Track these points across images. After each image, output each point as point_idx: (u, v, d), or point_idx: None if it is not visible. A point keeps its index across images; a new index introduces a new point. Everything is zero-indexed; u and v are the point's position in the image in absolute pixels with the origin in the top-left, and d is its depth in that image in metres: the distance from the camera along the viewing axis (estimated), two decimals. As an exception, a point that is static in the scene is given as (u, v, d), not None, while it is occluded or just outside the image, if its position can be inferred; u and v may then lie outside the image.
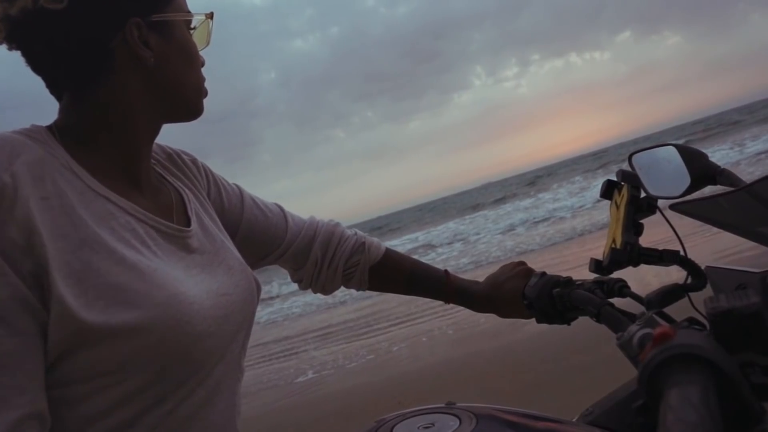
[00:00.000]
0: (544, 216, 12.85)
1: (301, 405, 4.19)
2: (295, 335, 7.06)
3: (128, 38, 0.68)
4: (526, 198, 20.81)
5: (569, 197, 15.34)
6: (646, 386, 0.43)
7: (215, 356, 0.69)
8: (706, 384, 0.41)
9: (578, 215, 11.61)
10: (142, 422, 0.63)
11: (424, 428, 0.68)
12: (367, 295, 8.53)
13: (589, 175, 21.42)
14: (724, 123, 28.70)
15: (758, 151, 13.73)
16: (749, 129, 22.39)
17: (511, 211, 17.53)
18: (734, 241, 4.67)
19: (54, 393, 0.60)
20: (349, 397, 3.97)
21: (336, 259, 1.01)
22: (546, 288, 0.88)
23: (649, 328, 0.63)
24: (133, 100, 0.71)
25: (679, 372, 0.42)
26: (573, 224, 10.50)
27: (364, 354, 5.13)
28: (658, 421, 0.40)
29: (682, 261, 0.71)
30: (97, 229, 0.63)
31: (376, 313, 7.07)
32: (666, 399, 0.40)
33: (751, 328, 0.47)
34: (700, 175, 0.81)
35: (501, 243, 11.33)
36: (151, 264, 0.65)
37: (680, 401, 0.38)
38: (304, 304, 9.65)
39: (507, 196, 23.73)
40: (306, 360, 5.57)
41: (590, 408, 0.81)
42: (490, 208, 21.50)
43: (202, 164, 0.90)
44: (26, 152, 0.62)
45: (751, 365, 0.46)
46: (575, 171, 28.20)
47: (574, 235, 9.06)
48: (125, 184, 0.71)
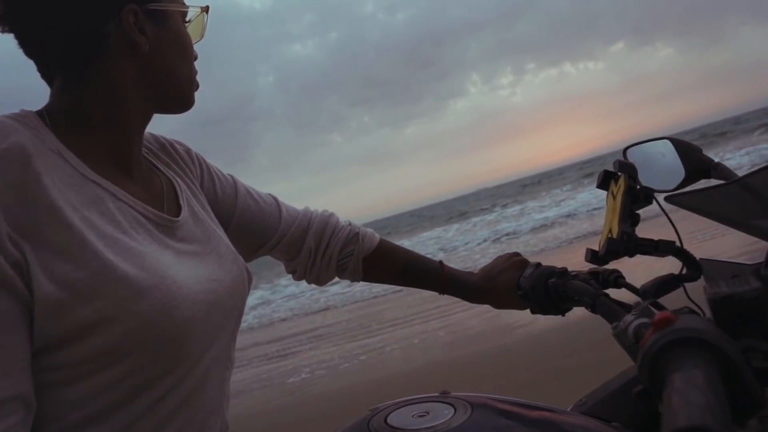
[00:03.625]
0: (532, 225, 12.91)
1: (292, 405, 4.17)
2: (286, 336, 7.03)
3: (124, 23, 0.68)
4: (516, 205, 20.98)
5: (555, 206, 15.42)
6: (648, 371, 0.43)
7: (204, 343, 0.68)
8: (709, 368, 0.40)
9: (561, 224, 11.68)
10: (130, 408, 0.62)
11: (419, 416, 0.67)
12: (359, 297, 8.53)
13: (579, 185, 21.59)
14: (708, 135, 29.11)
15: (736, 166, 13.90)
16: (734, 141, 22.74)
17: (498, 219, 17.68)
18: (721, 247, 4.74)
19: (40, 377, 0.59)
20: (341, 397, 3.96)
21: (330, 249, 1.01)
22: (541, 279, 0.87)
23: (645, 317, 0.63)
24: (126, 86, 0.70)
25: (682, 356, 0.42)
26: (555, 233, 10.58)
27: (357, 355, 5.12)
28: (662, 405, 0.39)
29: (677, 251, 0.71)
30: (87, 213, 0.62)
31: (368, 315, 7.07)
32: (670, 383, 0.39)
33: (752, 313, 0.47)
34: (695, 169, 0.81)
35: (485, 250, 11.35)
36: (140, 248, 0.65)
37: (685, 384, 0.38)
38: (296, 306, 9.61)
39: (496, 204, 23.83)
40: (298, 361, 5.55)
41: (583, 398, 0.81)
42: (478, 215, 21.60)
43: (196, 154, 0.90)
44: (14, 135, 0.61)
45: (753, 350, 0.45)
46: (564, 180, 28.43)
47: (559, 243, 9.12)
48: (116, 171, 0.71)
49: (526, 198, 23.27)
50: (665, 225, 0.80)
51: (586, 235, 8.91)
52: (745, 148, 15.69)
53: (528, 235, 11.64)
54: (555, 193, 20.52)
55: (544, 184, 30.52)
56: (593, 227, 9.50)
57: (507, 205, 21.89)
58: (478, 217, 20.58)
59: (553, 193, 20.59)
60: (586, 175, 26.01)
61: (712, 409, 0.33)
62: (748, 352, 0.45)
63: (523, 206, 19.22)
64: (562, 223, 11.55)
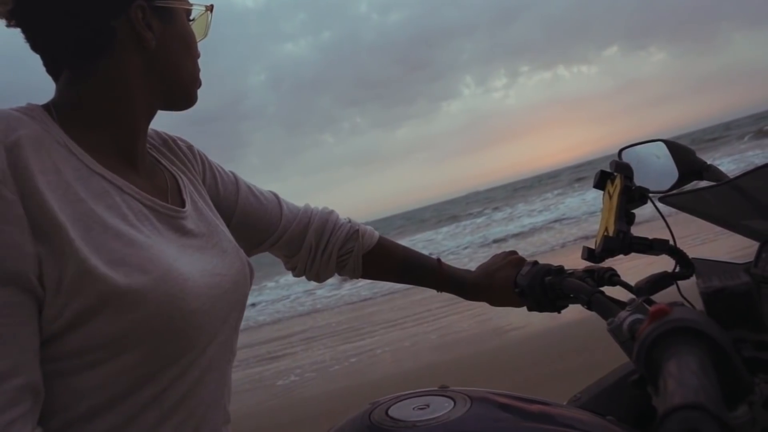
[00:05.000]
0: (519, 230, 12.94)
1: (282, 407, 4.16)
2: (276, 338, 7.00)
3: (132, 19, 0.69)
4: (507, 208, 21.03)
5: (545, 211, 15.47)
6: (645, 359, 0.45)
7: (208, 335, 0.69)
8: (702, 355, 0.42)
9: (549, 229, 11.72)
10: (135, 399, 0.63)
11: (419, 409, 0.68)
12: (348, 299, 8.51)
13: (568, 189, 21.69)
14: (699, 140, 29.37)
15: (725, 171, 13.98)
16: (724, 147, 22.94)
17: (488, 222, 17.70)
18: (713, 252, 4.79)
19: (48, 367, 0.59)
20: (330, 399, 3.95)
21: (330, 246, 1.02)
22: (538, 276, 0.89)
23: (639, 314, 0.64)
24: (132, 81, 0.71)
25: (677, 344, 0.44)
26: (544, 237, 10.63)
27: (347, 357, 5.11)
28: (658, 389, 0.41)
29: (671, 250, 0.73)
30: (93, 205, 0.63)
31: (359, 318, 7.06)
32: (666, 368, 0.41)
33: (742, 306, 0.49)
34: (688, 170, 0.84)
35: (471, 255, 11.36)
36: (147, 240, 0.66)
37: (680, 369, 0.40)
38: (285, 308, 9.57)
39: (487, 207, 23.87)
40: (288, 363, 5.53)
41: (578, 394, 0.83)
42: (468, 218, 21.63)
43: (197, 150, 0.91)
44: (24, 127, 0.62)
45: (742, 340, 0.48)
46: (556, 184, 28.52)
47: (548, 248, 9.15)
48: (121, 164, 0.72)
49: (517, 201, 23.37)
50: (661, 229, 0.82)
51: (575, 240, 8.97)
52: (732, 156, 15.86)
53: (514, 239, 11.69)
54: (546, 197, 20.62)
55: (536, 188, 30.64)
56: (582, 232, 9.58)
57: (498, 209, 21.96)
58: (468, 220, 20.64)
59: (544, 197, 20.69)
60: (578, 179, 26.14)
61: (706, 390, 0.35)
62: (738, 342, 0.47)
63: (513, 209, 19.33)
64: (550, 228, 11.61)
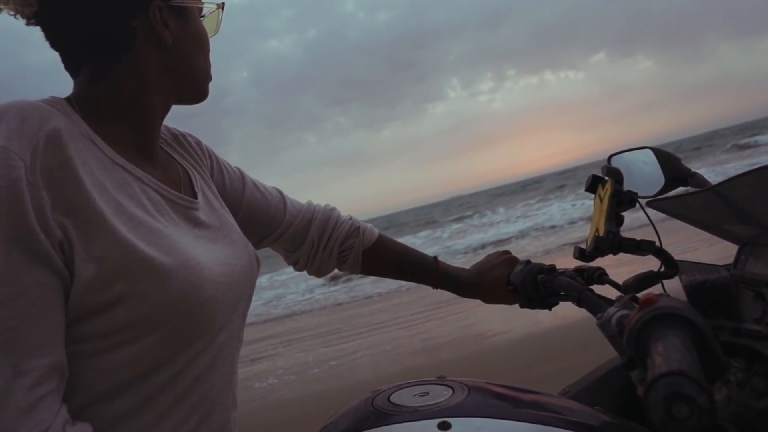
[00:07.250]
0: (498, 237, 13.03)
1: (259, 410, 4.12)
2: (255, 340, 6.95)
3: (151, 18, 0.72)
4: (488, 213, 21.20)
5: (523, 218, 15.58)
6: (635, 342, 0.50)
7: (219, 322, 0.72)
8: (685, 337, 0.47)
9: (525, 236, 11.83)
10: (152, 380, 0.66)
11: (420, 396, 0.72)
12: (332, 301, 8.51)
13: (551, 195, 21.93)
14: (683, 150, 29.88)
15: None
16: (707, 156, 23.40)
17: (467, 228, 17.80)
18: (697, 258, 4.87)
19: (72, 348, 0.62)
20: (310, 402, 3.95)
21: (332, 242, 1.06)
22: (530, 274, 0.94)
23: (626, 310, 0.69)
24: (149, 78, 0.74)
25: (663, 328, 0.49)
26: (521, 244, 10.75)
27: (327, 360, 5.11)
28: (647, 368, 0.46)
29: (657, 250, 0.79)
30: (116, 195, 0.66)
31: (340, 321, 7.06)
32: (653, 348, 0.46)
33: (721, 297, 0.55)
34: (674, 177, 0.89)
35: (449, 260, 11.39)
36: (166, 230, 0.69)
37: (665, 347, 0.45)
38: (262, 311, 9.53)
39: (465, 215, 24.03)
40: (267, 365, 5.50)
41: (566, 387, 0.87)
42: (449, 225, 21.75)
43: (205, 146, 0.94)
44: (54, 118, 0.64)
45: (720, 327, 0.53)
46: (538, 190, 28.80)
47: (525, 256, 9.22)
48: (139, 156, 0.75)
49: (498, 206, 23.57)
50: (649, 236, 0.87)
51: (550, 249, 9.08)
52: (713, 167, 16.21)
53: (492, 246, 11.80)
54: (529, 203, 20.81)
55: (519, 194, 30.89)
56: (560, 240, 9.72)
57: (478, 214, 22.10)
58: (448, 226, 20.77)
59: (527, 204, 20.89)
60: (559, 186, 26.39)
61: (688, 362, 0.40)
62: (717, 329, 0.53)
63: (495, 214, 19.49)
64: (526, 235, 11.74)
